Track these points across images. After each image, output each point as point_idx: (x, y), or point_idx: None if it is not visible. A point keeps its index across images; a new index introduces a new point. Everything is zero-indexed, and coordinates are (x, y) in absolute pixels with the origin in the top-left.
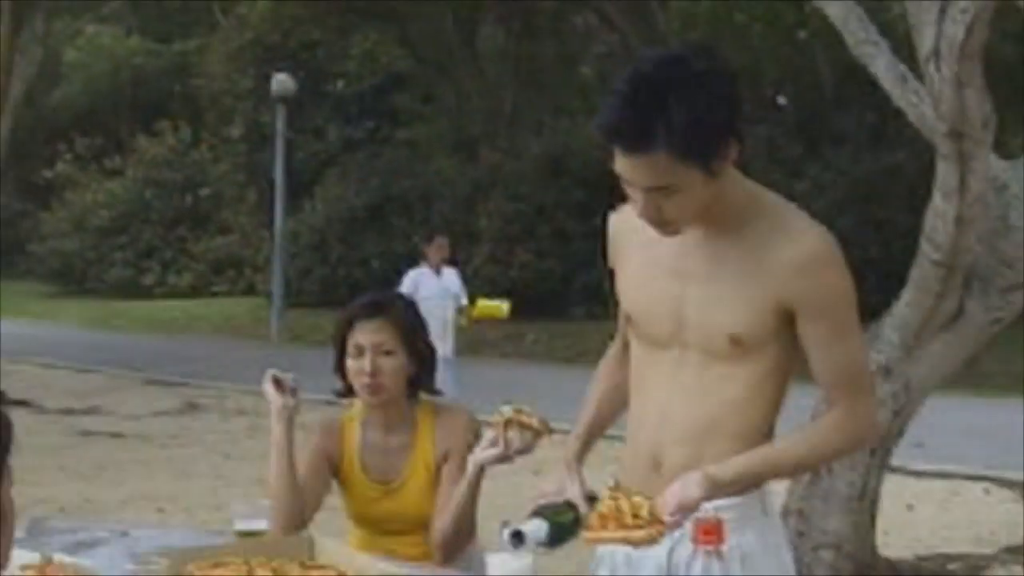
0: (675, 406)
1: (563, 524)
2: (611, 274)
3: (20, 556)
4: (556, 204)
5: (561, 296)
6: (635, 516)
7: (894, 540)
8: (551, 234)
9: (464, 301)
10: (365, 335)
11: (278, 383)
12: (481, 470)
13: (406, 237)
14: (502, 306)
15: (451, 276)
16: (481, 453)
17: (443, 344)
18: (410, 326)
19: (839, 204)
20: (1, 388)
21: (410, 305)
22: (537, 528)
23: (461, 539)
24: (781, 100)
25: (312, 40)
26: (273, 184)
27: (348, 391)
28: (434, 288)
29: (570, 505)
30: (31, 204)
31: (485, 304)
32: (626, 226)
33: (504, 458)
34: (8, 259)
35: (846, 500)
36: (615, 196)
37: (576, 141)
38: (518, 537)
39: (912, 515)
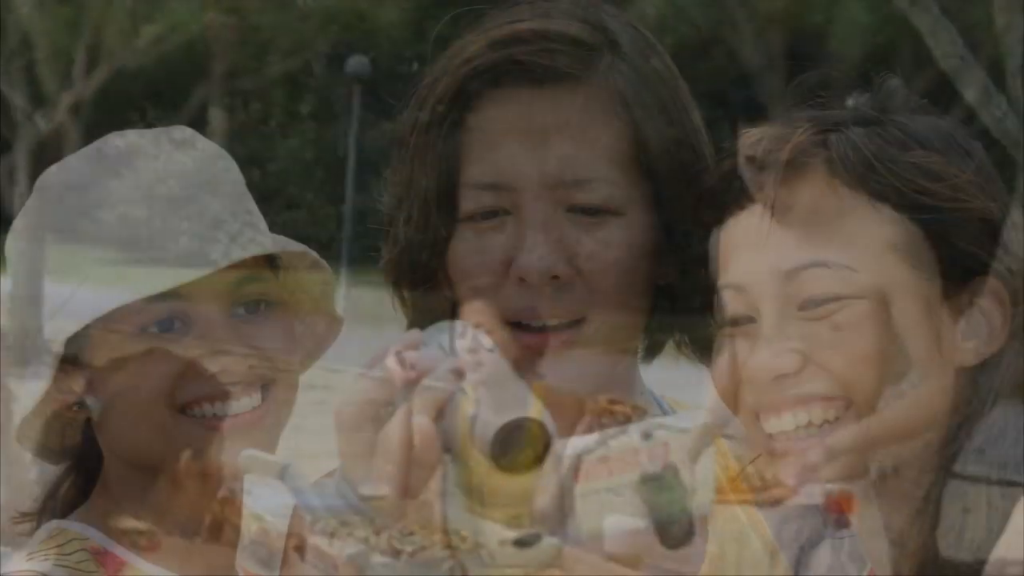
0: None
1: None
2: None
3: None
4: None
5: None
6: (760, 479)
7: (954, 542)
8: None
9: None
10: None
11: (401, 359)
12: (578, 457)
13: None
14: None
15: None
16: (576, 440)
17: None
18: None
19: None
20: None
21: None
22: None
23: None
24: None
25: (387, 21)
26: (343, 162)
27: None
28: None
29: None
30: None
31: None
32: None
33: None
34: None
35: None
36: None
37: None
38: None
39: (969, 518)
